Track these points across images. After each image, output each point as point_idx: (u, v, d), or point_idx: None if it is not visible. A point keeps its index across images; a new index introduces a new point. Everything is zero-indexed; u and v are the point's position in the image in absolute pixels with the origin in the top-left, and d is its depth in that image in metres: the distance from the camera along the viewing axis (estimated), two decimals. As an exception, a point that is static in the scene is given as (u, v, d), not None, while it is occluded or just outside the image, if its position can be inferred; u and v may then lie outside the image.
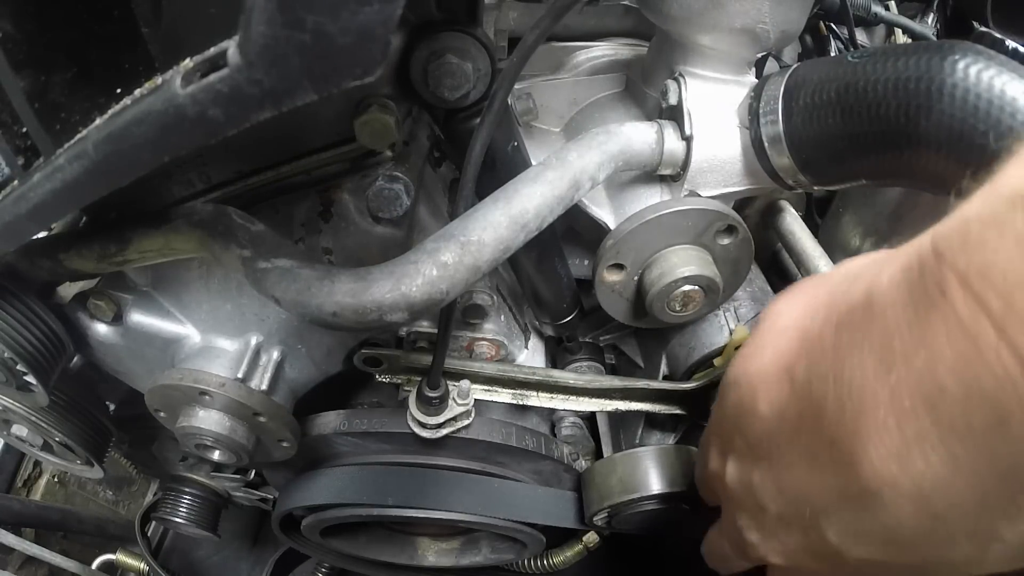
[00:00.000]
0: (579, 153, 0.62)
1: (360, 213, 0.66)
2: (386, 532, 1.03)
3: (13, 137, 0.47)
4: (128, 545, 1.24)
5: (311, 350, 0.77)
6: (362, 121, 0.56)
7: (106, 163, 0.39)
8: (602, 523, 0.84)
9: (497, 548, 1.02)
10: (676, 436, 0.92)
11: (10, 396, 0.75)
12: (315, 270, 0.53)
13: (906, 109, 0.53)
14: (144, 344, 0.75)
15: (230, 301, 0.72)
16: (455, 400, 0.75)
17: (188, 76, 0.34)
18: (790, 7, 0.66)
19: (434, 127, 0.71)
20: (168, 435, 0.94)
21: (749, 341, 0.48)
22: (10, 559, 1.19)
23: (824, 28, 1.03)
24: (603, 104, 0.86)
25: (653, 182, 0.75)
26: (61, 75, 0.48)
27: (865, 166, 0.61)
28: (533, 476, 0.87)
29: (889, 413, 0.31)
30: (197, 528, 0.95)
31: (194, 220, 0.59)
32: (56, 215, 0.47)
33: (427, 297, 0.51)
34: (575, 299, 0.88)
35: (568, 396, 0.83)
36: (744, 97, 0.68)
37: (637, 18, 0.90)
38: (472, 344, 0.87)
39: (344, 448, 0.83)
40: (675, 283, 0.70)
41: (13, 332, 0.64)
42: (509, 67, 0.57)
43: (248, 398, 0.69)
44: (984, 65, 0.51)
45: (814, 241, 0.81)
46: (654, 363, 0.90)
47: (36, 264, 0.64)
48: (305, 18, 0.31)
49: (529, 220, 0.56)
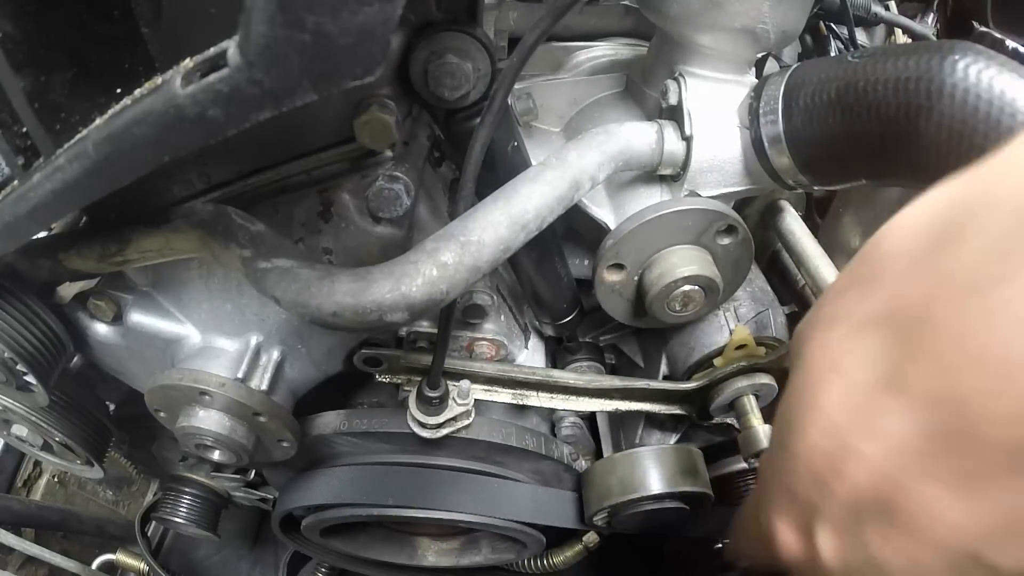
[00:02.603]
0: (579, 153, 0.62)
1: (360, 213, 0.66)
2: (386, 532, 1.03)
3: (13, 137, 0.47)
4: (128, 545, 1.24)
5: (311, 350, 0.77)
6: (362, 121, 0.56)
7: (106, 163, 0.39)
8: (602, 523, 0.84)
9: (497, 548, 1.02)
10: (676, 436, 0.92)
11: (10, 396, 0.75)
12: (315, 270, 0.53)
13: (906, 109, 0.53)
14: (144, 344, 0.75)
15: (230, 301, 0.72)
16: (455, 400, 0.75)
17: (188, 76, 0.35)
18: (790, 7, 0.66)
19: (434, 127, 0.71)
20: (168, 435, 0.94)
21: (801, 382, 0.38)
22: (10, 559, 1.19)
23: (824, 28, 1.03)
24: (603, 104, 0.86)
25: (653, 182, 0.75)
26: (61, 75, 0.48)
27: (865, 166, 0.61)
28: (533, 476, 0.87)
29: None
30: (197, 528, 0.95)
31: (194, 220, 0.59)
32: (56, 215, 0.47)
33: (427, 297, 0.51)
34: (575, 299, 0.88)
35: (568, 396, 0.83)
36: (744, 97, 0.68)
37: (637, 18, 0.90)
38: (472, 344, 0.87)
39: (344, 448, 0.83)
40: (675, 283, 0.70)
41: (13, 332, 0.64)
42: (509, 67, 0.57)
43: (248, 398, 0.69)
44: (984, 65, 0.51)
45: (814, 241, 0.81)
46: (654, 363, 0.90)
47: (36, 264, 0.64)
48: (305, 18, 0.31)
49: (529, 220, 0.56)
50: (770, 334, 0.82)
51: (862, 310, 0.35)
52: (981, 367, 0.29)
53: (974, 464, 0.30)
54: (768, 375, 0.79)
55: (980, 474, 0.30)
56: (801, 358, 0.39)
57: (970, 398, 0.29)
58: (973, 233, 0.30)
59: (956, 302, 0.30)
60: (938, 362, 0.30)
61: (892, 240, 0.35)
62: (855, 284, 0.36)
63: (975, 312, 0.29)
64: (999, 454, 0.29)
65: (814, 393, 0.36)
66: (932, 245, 0.32)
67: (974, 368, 0.29)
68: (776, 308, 0.85)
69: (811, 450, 0.36)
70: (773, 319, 0.84)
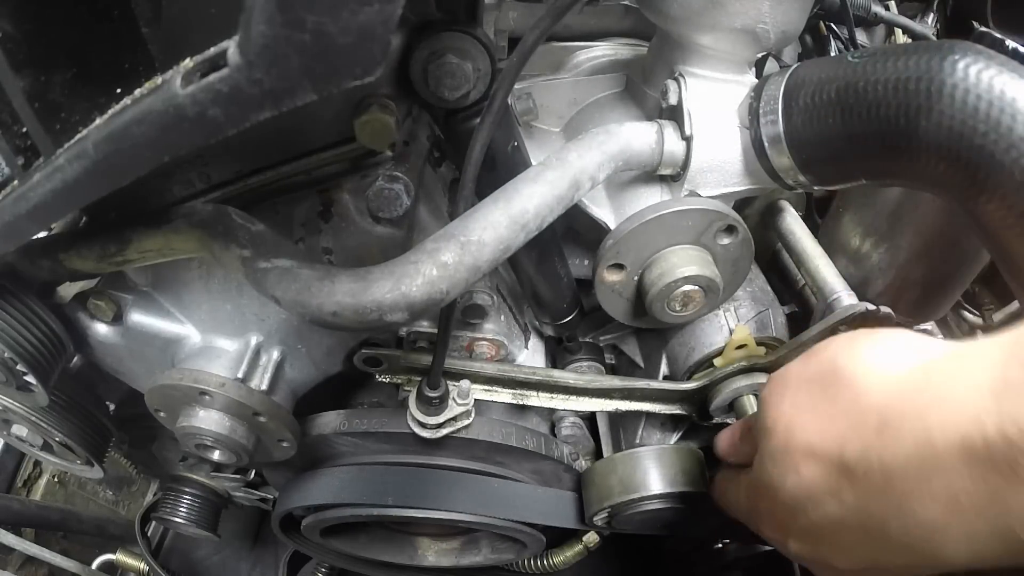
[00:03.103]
0: (579, 153, 0.62)
1: (360, 213, 0.66)
2: (386, 532, 1.03)
3: (13, 137, 0.47)
4: (128, 545, 1.24)
5: (311, 350, 0.77)
6: (362, 121, 0.56)
7: (106, 163, 0.39)
8: (602, 523, 0.84)
9: (497, 548, 1.02)
10: (676, 436, 0.92)
11: (10, 396, 0.75)
12: (315, 270, 0.53)
13: (906, 109, 0.53)
14: (144, 344, 0.75)
15: (230, 301, 0.72)
16: (455, 400, 0.75)
17: (188, 76, 0.35)
18: (790, 7, 0.66)
19: (434, 127, 0.71)
20: (168, 435, 0.94)
21: (768, 450, 0.54)
22: (10, 559, 1.19)
23: (824, 28, 1.03)
24: (603, 104, 0.86)
25: (653, 182, 0.75)
26: (61, 75, 0.48)
27: (865, 166, 0.61)
28: (533, 476, 0.87)
29: (962, 541, 0.40)
30: (197, 528, 0.95)
31: (194, 220, 0.59)
32: (56, 215, 0.47)
33: (427, 297, 0.51)
34: (575, 299, 0.88)
35: (568, 396, 0.83)
36: (744, 97, 0.68)
37: (637, 18, 0.90)
38: (472, 344, 0.87)
39: (344, 448, 0.83)
40: (675, 283, 0.70)
41: (13, 332, 0.64)
42: (509, 67, 0.57)
43: (248, 398, 0.69)
44: (984, 65, 0.51)
45: (814, 241, 0.81)
46: (654, 363, 0.90)
47: (36, 264, 0.64)
48: (305, 18, 0.31)
49: (529, 220, 0.56)
50: (770, 334, 0.82)
51: (819, 442, 0.49)
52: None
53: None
54: (768, 375, 0.79)
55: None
56: (770, 436, 0.54)
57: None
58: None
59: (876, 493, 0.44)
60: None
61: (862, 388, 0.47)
62: (816, 413, 0.50)
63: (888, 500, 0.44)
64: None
65: (780, 480, 0.52)
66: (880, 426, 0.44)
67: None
68: (776, 308, 0.86)
69: (778, 505, 0.54)
70: (773, 319, 0.84)
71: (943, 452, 0.40)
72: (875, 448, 0.44)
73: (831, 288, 0.75)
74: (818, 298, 0.78)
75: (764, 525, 0.60)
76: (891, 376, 0.46)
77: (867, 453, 0.45)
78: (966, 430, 0.38)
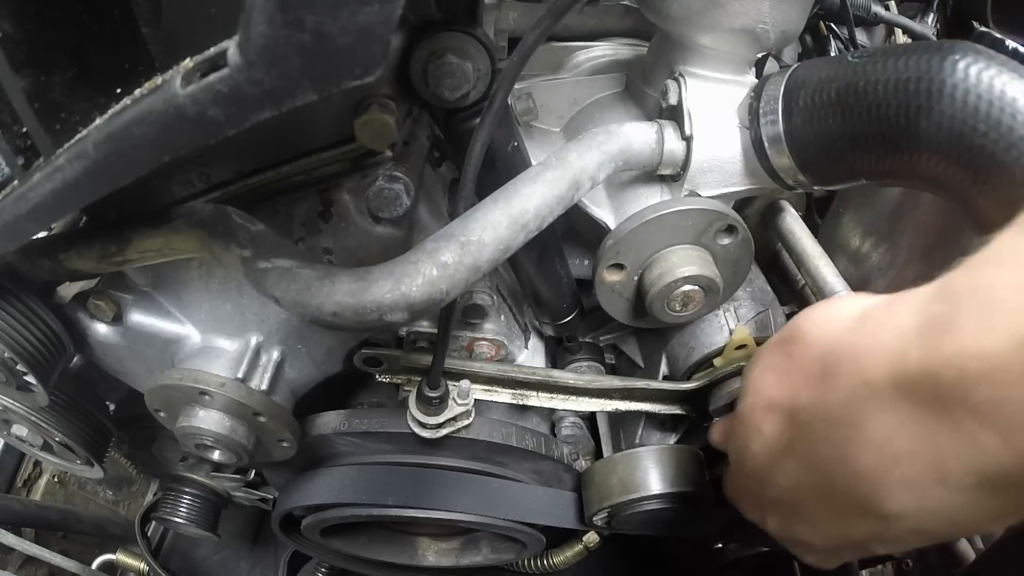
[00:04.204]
0: (579, 153, 0.62)
1: (360, 213, 0.66)
2: (386, 532, 1.03)
3: (13, 137, 0.47)
4: (128, 545, 1.24)
5: (311, 350, 0.77)
6: (362, 121, 0.56)
7: (106, 163, 0.39)
8: (602, 523, 0.84)
9: (497, 548, 1.02)
10: (676, 436, 0.92)
11: (10, 396, 0.75)
12: (315, 270, 0.53)
13: (906, 109, 0.53)
14: (144, 344, 0.75)
15: (230, 301, 0.72)
16: (455, 400, 0.75)
17: (188, 76, 0.35)
18: (790, 7, 0.66)
19: (434, 127, 0.71)
20: (168, 435, 0.94)
21: (738, 413, 0.56)
22: (10, 559, 1.19)
23: (824, 28, 1.03)
24: (603, 104, 0.86)
25: (653, 182, 0.75)
26: (61, 75, 0.48)
27: (865, 166, 0.61)
28: (533, 476, 0.87)
29: (904, 490, 0.40)
30: (197, 528, 0.95)
31: (194, 220, 0.59)
32: (56, 215, 0.47)
33: (427, 297, 0.51)
34: (575, 299, 0.88)
35: (568, 396, 0.83)
36: (744, 97, 0.68)
37: (637, 18, 0.90)
38: (472, 344, 0.87)
39: (344, 448, 0.83)
40: (675, 283, 0.70)
41: (13, 332, 0.64)
42: (509, 67, 0.57)
43: (248, 398, 0.69)
44: (984, 65, 0.51)
45: (814, 241, 0.81)
46: (654, 363, 0.90)
47: (36, 264, 0.64)
48: (305, 18, 0.31)
49: (529, 220, 0.56)
50: (770, 334, 0.82)
51: (777, 395, 0.50)
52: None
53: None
54: (768, 375, 0.79)
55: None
56: (742, 401, 0.55)
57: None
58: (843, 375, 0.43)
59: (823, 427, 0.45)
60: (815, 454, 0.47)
61: (808, 344, 0.48)
62: (776, 369, 0.51)
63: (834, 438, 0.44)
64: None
65: (747, 442, 0.54)
66: (825, 369, 0.45)
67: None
68: (776, 308, 0.86)
69: (749, 475, 0.56)
70: (773, 319, 0.84)
71: (874, 392, 0.40)
72: (818, 394, 0.45)
73: (831, 288, 0.75)
74: (818, 298, 0.78)
75: (745, 504, 0.61)
76: (836, 326, 0.46)
77: (812, 400, 0.46)
78: (892, 367, 0.38)
